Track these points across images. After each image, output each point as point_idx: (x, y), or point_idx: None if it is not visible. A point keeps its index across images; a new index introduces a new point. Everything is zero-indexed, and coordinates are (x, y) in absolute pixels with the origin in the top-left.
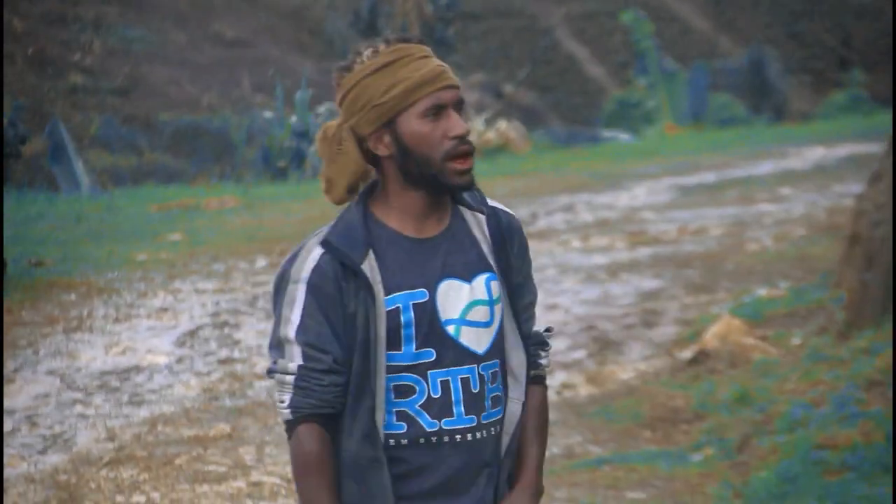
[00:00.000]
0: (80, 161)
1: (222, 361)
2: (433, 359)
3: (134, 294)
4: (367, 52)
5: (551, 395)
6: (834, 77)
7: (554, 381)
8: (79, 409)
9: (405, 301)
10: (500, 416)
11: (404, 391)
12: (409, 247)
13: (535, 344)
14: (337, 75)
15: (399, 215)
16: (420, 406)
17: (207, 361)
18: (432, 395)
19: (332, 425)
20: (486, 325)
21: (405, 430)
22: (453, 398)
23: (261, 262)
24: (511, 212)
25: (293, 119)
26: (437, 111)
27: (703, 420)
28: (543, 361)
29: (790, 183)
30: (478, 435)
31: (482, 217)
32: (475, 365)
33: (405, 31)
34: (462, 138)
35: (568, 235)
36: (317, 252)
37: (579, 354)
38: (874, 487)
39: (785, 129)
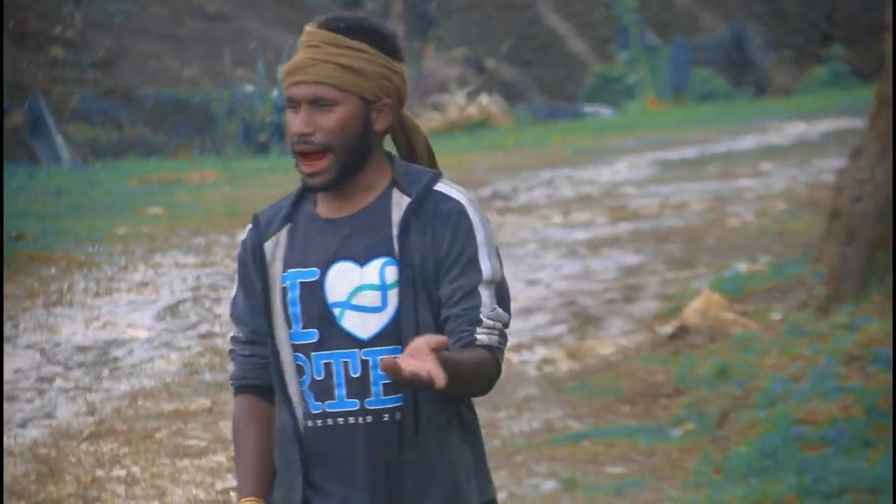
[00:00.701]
0: (61, 135)
1: (203, 336)
2: (315, 340)
3: (114, 268)
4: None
5: (531, 371)
6: (815, 52)
7: (534, 356)
8: (59, 383)
9: (294, 279)
10: (398, 405)
11: (299, 371)
12: (319, 226)
13: (465, 323)
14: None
15: (322, 194)
16: (308, 387)
17: (188, 336)
18: (315, 377)
19: (268, 395)
20: (376, 310)
21: (302, 411)
22: (335, 381)
23: (242, 236)
24: (457, 198)
25: (274, 93)
26: (294, 104)
27: (682, 395)
28: (478, 336)
29: (771, 158)
30: (360, 419)
31: (406, 199)
32: (356, 350)
33: (387, 5)
34: (299, 137)
35: (549, 210)
36: (248, 227)
37: (559, 329)
38: (853, 462)
39: (766, 104)
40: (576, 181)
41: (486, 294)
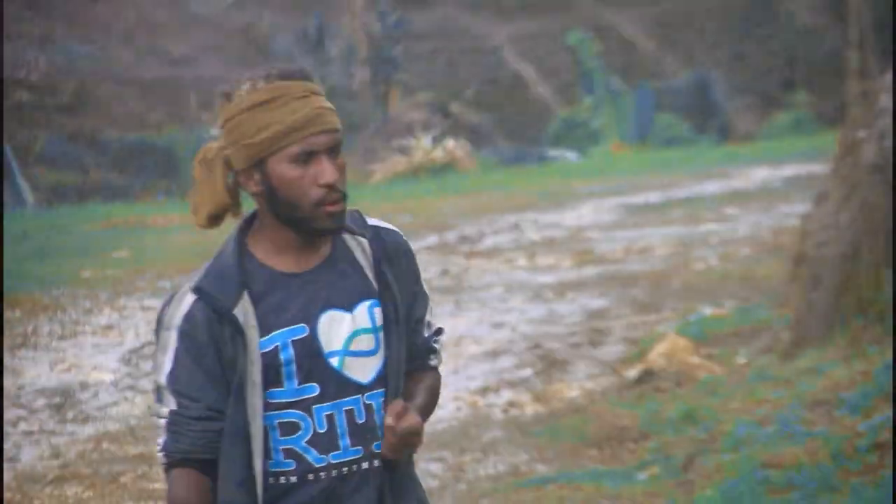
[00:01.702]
0: (25, 178)
1: None
2: (317, 393)
3: (79, 311)
4: (246, 86)
5: (497, 414)
6: (778, 98)
7: (500, 399)
8: (23, 426)
9: (284, 339)
10: None
11: (290, 428)
12: (287, 283)
13: (424, 352)
14: (218, 100)
15: (275, 251)
16: (307, 442)
17: (153, 379)
18: (318, 430)
19: (211, 470)
20: (372, 353)
21: (294, 468)
22: (338, 431)
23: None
24: (394, 228)
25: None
26: (308, 157)
27: (648, 439)
28: (434, 362)
29: (735, 203)
30: (366, 465)
31: (364, 241)
32: (359, 395)
33: (351, 50)
34: (332, 186)
35: (514, 254)
36: (189, 298)
37: (526, 373)
38: None
39: (730, 150)
40: (541, 225)
41: (432, 319)
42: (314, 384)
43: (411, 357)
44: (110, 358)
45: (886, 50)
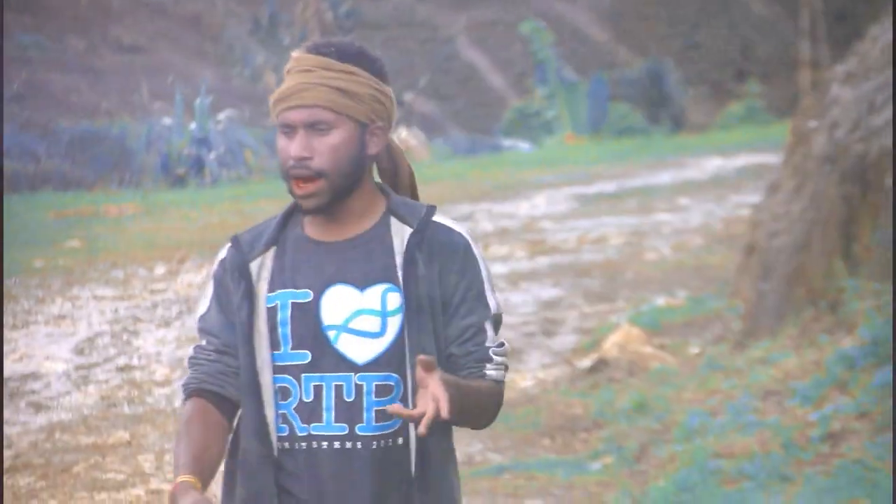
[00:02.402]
0: None
1: (121, 368)
2: (307, 361)
3: (31, 300)
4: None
5: None
6: (731, 88)
7: None
8: None
9: (284, 299)
10: (389, 432)
11: (283, 393)
12: (310, 248)
13: (475, 360)
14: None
15: (310, 218)
16: (294, 409)
17: (106, 369)
18: (304, 399)
19: (224, 406)
20: (374, 335)
21: (286, 434)
22: (324, 404)
23: (160, 269)
24: (459, 230)
25: (192, 126)
26: (289, 130)
27: (601, 428)
28: (489, 372)
29: (688, 193)
30: (348, 444)
31: (408, 230)
32: (352, 374)
33: (304, 39)
34: (296, 161)
35: None
36: (226, 247)
37: None
38: (771, 496)
39: (683, 140)
40: (495, 215)
41: (490, 330)
42: (305, 351)
43: (459, 363)
44: (63, 348)
45: (838, 40)
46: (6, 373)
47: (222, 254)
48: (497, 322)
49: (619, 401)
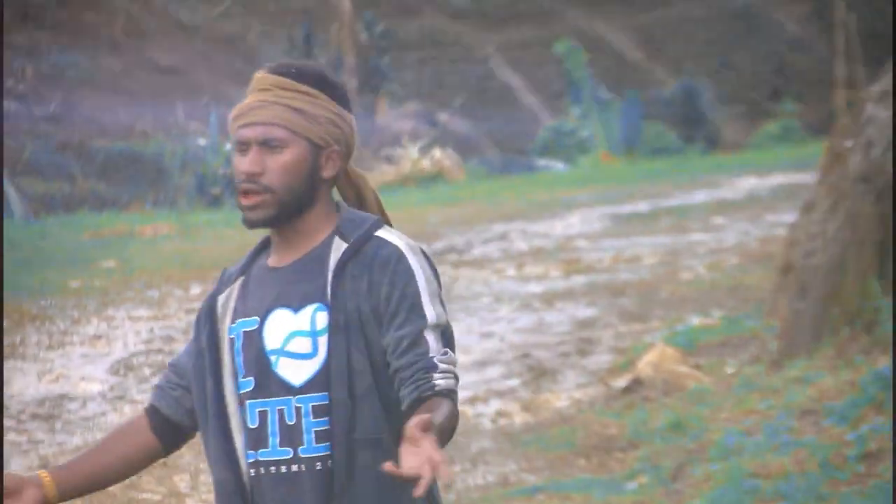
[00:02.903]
0: (13, 188)
1: None
2: (251, 388)
3: (67, 321)
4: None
5: (486, 424)
6: (766, 107)
7: (489, 408)
8: (12, 436)
9: (238, 329)
10: (329, 453)
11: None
12: (264, 276)
13: (420, 370)
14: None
15: (273, 246)
16: (245, 436)
17: (141, 389)
18: (249, 426)
19: (161, 424)
20: (307, 356)
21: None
22: (269, 430)
23: (195, 289)
24: (395, 242)
25: (227, 146)
26: (242, 147)
27: (637, 448)
28: (437, 382)
29: (723, 212)
30: (294, 468)
31: (344, 245)
32: (291, 397)
33: (339, 60)
34: (246, 177)
35: (502, 264)
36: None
37: (514, 383)
38: None
39: (718, 159)
40: (529, 235)
41: (432, 339)
42: (251, 378)
43: (401, 375)
44: (98, 368)
45: (873, 59)
46: (43, 394)
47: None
48: (440, 332)
49: (654, 420)
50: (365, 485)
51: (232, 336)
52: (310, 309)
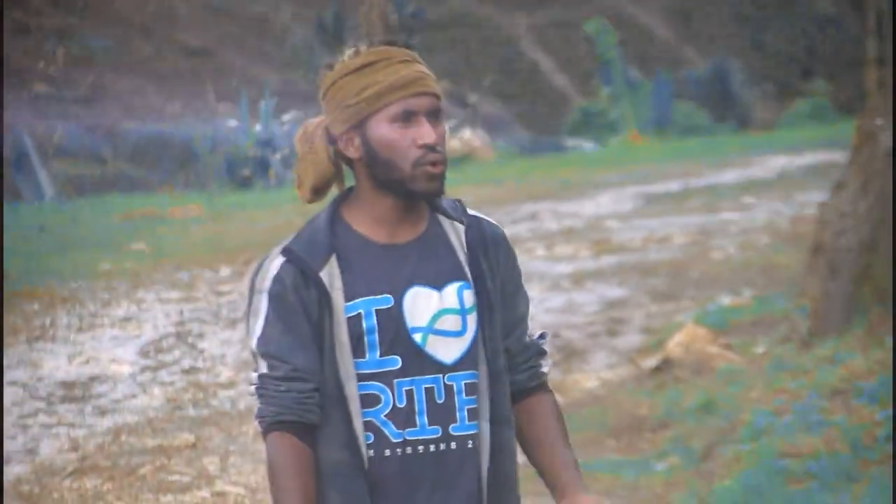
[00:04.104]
0: (44, 170)
1: (186, 371)
2: (398, 367)
3: (97, 304)
4: (349, 52)
5: None
6: (797, 86)
7: None
8: (42, 418)
9: (367, 307)
10: (476, 431)
11: (370, 400)
12: (377, 252)
13: (534, 354)
14: (321, 73)
15: (370, 220)
16: (386, 416)
17: (171, 371)
18: (397, 405)
19: (307, 434)
20: (458, 334)
21: (372, 441)
22: (416, 408)
23: (225, 272)
24: (495, 222)
25: (257, 128)
26: (408, 117)
27: (667, 428)
28: (544, 369)
29: (754, 192)
30: (443, 446)
31: (461, 227)
32: (440, 375)
33: (370, 41)
34: (432, 147)
35: (532, 244)
36: (278, 261)
37: None
38: (837, 496)
39: (748, 138)
40: (559, 215)
41: (527, 320)
42: (396, 357)
43: (516, 360)
44: (128, 350)
45: None
46: (73, 376)
47: (274, 269)
48: (530, 311)
49: (684, 401)
50: (506, 463)
51: (354, 314)
52: (454, 287)
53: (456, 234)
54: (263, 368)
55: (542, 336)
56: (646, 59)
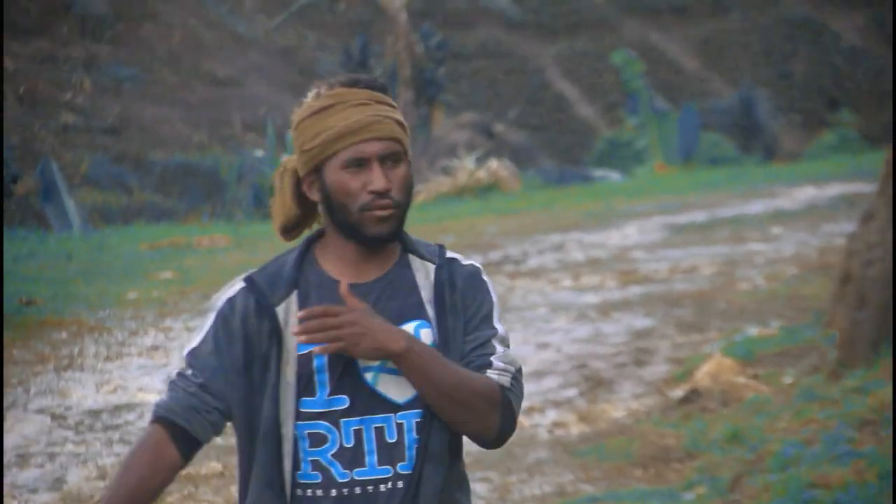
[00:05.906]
0: (72, 200)
1: None
2: (346, 406)
3: (125, 332)
4: (312, 93)
5: (543, 434)
6: (824, 117)
7: (545, 419)
8: (70, 447)
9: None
10: (420, 470)
11: (318, 440)
12: (336, 291)
13: (475, 368)
14: (293, 110)
15: (335, 260)
16: (332, 455)
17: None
18: (344, 445)
19: (185, 443)
20: None
21: (319, 481)
22: (366, 448)
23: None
24: (472, 262)
25: (283, 158)
26: (359, 163)
27: (694, 459)
28: (492, 375)
29: (781, 222)
30: (391, 485)
31: (431, 266)
32: (392, 414)
33: (395, 71)
34: (381, 194)
35: (559, 274)
36: (238, 286)
37: (571, 393)
38: None
39: (775, 169)
40: (585, 245)
41: (498, 347)
42: (344, 396)
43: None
44: (156, 379)
45: None
46: (101, 405)
47: (231, 292)
48: (505, 344)
49: (711, 431)
50: (444, 499)
51: (304, 353)
52: (411, 326)
53: (425, 273)
54: (186, 370)
55: (504, 355)
56: (672, 90)
